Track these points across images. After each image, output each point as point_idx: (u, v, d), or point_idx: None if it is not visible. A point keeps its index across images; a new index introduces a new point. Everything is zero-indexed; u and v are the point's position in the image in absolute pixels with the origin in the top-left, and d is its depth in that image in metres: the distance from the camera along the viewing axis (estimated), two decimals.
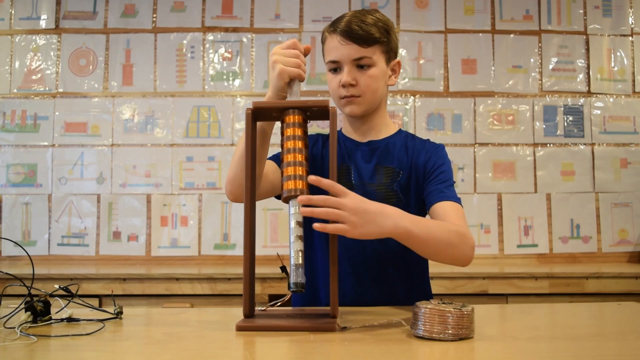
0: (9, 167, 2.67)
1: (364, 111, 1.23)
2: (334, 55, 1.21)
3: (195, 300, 2.16)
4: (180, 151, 2.68)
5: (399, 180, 1.25)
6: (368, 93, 1.21)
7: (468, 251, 1.07)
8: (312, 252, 1.27)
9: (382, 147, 1.27)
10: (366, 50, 1.18)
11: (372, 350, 0.80)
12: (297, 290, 0.89)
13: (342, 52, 1.19)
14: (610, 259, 2.67)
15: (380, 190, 1.24)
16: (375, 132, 1.30)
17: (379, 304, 1.20)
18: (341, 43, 1.19)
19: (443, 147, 1.29)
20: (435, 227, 1.04)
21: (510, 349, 0.83)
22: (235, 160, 1.14)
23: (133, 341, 0.89)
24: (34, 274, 1.03)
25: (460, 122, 2.71)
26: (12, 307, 0.99)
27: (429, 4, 2.76)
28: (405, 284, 1.25)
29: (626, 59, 2.76)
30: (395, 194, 1.24)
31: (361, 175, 1.26)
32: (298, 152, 0.95)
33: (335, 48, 1.20)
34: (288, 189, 0.93)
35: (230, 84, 2.72)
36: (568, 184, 2.70)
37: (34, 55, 2.72)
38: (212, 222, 2.65)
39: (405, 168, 1.25)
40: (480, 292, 2.17)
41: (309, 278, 1.26)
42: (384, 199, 1.23)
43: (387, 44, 1.23)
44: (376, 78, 1.21)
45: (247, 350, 0.83)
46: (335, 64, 1.21)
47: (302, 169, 0.94)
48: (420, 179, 1.24)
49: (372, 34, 1.18)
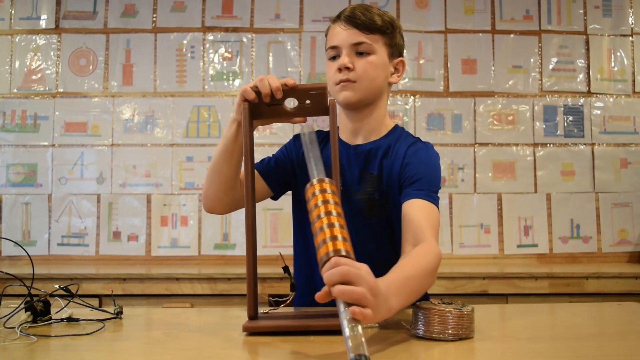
0: (9, 167, 2.67)
1: (359, 99, 1.17)
2: (334, 41, 1.18)
3: (195, 300, 2.16)
4: (180, 151, 2.68)
5: (381, 189, 1.18)
6: (365, 79, 1.15)
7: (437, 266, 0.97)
8: (311, 257, 1.26)
9: (366, 152, 1.20)
10: (367, 37, 1.15)
11: (373, 351, 0.80)
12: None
13: (342, 36, 1.16)
14: (610, 259, 2.66)
15: (363, 198, 1.18)
16: (366, 134, 1.23)
17: None
18: (343, 28, 1.17)
19: (426, 149, 1.18)
20: (415, 276, 0.89)
21: (510, 349, 0.83)
22: (209, 170, 1.14)
23: (133, 341, 0.89)
24: (34, 274, 1.03)
25: (460, 122, 2.71)
26: (12, 307, 0.99)
27: (429, 4, 2.76)
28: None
29: (626, 59, 2.76)
30: (378, 203, 1.18)
31: (346, 182, 1.20)
32: (324, 216, 0.78)
33: (336, 34, 1.18)
34: (320, 257, 0.76)
35: (230, 84, 2.72)
36: (568, 184, 2.70)
37: (34, 55, 2.72)
38: (212, 222, 2.65)
39: (386, 174, 1.18)
40: (480, 292, 2.17)
41: (309, 278, 1.26)
42: (367, 209, 1.18)
43: (391, 37, 1.19)
44: (375, 65, 1.16)
45: (248, 352, 0.83)
46: (335, 49, 1.18)
47: (331, 231, 0.77)
48: (395, 180, 1.16)
49: (375, 22, 1.16)
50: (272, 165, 1.26)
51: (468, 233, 2.67)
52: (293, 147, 1.29)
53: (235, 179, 1.15)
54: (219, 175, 1.13)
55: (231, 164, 1.12)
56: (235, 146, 1.10)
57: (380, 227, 1.19)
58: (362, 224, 1.18)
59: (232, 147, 1.10)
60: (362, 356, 0.61)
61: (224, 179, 1.13)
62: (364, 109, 1.21)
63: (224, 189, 1.15)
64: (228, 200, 1.17)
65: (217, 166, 1.12)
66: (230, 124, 1.10)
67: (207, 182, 1.16)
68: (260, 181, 1.23)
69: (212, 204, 1.18)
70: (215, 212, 1.20)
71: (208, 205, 1.19)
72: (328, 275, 0.71)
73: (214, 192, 1.15)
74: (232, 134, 1.09)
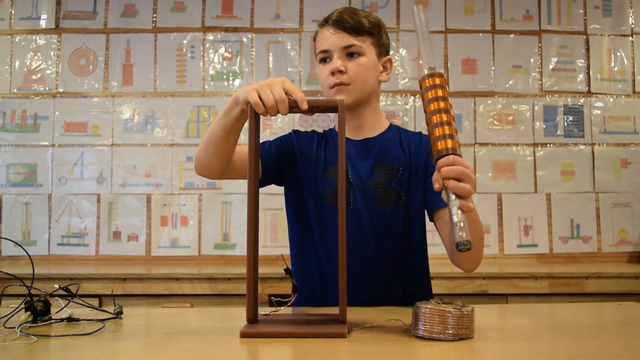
0: (9, 167, 2.67)
1: (354, 101, 1.22)
2: (324, 45, 1.21)
3: (195, 300, 2.16)
4: (180, 151, 2.68)
5: (399, 178, 1.24)
6: (358, 82, 1.20)
7: (480, 259, 1.14)
8: (307, 252, 1.26)
9: (379, 145, 1.26)
10: (356, 39, 1.20)
11: (372, 351, 0.80)
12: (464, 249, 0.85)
13: (332, 40, 1.20)
14: (610, 259, 2.66)
15: (379, 188, 1.23)
16: (368, 129, 1.28)
17: (379, 304, 1.19)
18: (332, 32, 1.20)
19: None
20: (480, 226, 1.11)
21: (510, 349, 0.83)
22: (205, 139, 1.14)
23: (133, 341, 0.89)
24: (34, 274, 1.03)
25: (460, 122, 2.71)
26: (12, 307, 0.99)
27: (429, 4, 2.76)
28: (405, 284, 1.25)
29: (626, 59, 2.76)
30: (395, 191, 1.23)
31: (359, 173, 1.25)
32: (444, 112, 0.93)
33: (326, 38, 1.21)
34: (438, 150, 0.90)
35: (230, 84, 2.72)
36: (568, 184, 2.70)
37: (34, 55, 2.72)
38: (212, 222, 2.65)
39: (404, 165, 1.25)
40: (480, 292, 2.17)
41: (308, 277, 1.26)
42: (382, 197, 1.23)
43: (378, 38, 1.24)
44: (366, 67, 1.20)
45: (248, 351, 0.83)
46: (326, 53, 1.22)
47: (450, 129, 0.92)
48: (421, 177, 1.25)
49: (363, 24, 1.20)
50: (272, 153, 1.27)
51: None
52: (295, 141, 1.30)
53: (230, 153, 1.15)
54: (214, 147, 1.13)
55: (227, 141, 1.12)
56: (234, 127, 1.10)
57: (395, 215, 1.23)
58: (377, 212, 1.22)
59: (231, 127, 1.09)
60: (467, 242, 0.82)
61: (219, 152, 1.14)
62: (360, 107, 1.26)
63: (218, 160, 1.15)
64: (220, 170, 1.18)
65: (213, 139, 1.12)
66: (233, 105, 1.06)
67: (202, 149, 1.15)
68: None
69: (204, 170, 1.19)
70: (205, 176, 1.21)
71: (200, 171, 1.20)
72: (446, 171, 0.87)
73: (207, 159, 1.16)
74: (233, 117, 1.07)
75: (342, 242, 0.91)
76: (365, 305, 1.17)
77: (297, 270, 1.29)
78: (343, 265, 0.91)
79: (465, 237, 0.83)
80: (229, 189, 2.67)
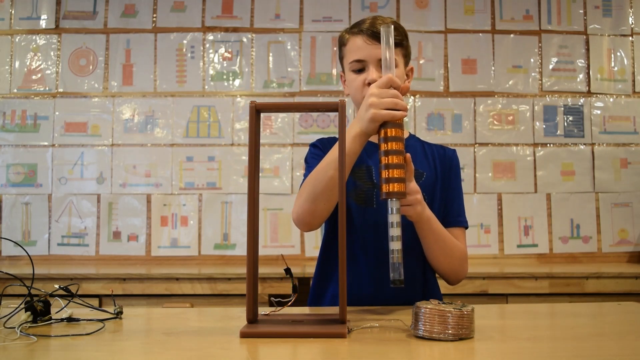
0: (9, 167, 2.67)
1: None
2: (359, 55, 1.21)
3: (195, 300, 2.16)
4: (180, 151, 2.68)
5: (423, 181, 1.26)
6: None
7: (462, 272, 1.24)
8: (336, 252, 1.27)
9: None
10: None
11: (372, 350, 0.80)
12: (396, 285, 0.96)
13: (368, 51, 1.20)
14: (610, 259, 2.67)
15: None
16: None
17: (406, 302, 1.19)
18: (367, 42, 1.20)
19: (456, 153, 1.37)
20: (447, 234, 1.18)
21: (510, 349, 0.83)
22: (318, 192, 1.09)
23: (133, 341, 0.89)
24: (34, 274, 1.03)
25: (460, 122, 2.71)
26: (12, 307, 0.99)
27: (429, 4, 2.76)
28: (425, 280, 1.27)
29: (626, 59, 2.76)
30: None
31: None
32: (393, 154, 0.99)
33: (360, 48, 1.21)
34: (386, 192, 0.98)
35: (230, 84, 2.73)
36: (568, 184, 2.70)
37: (34, 55, 2.72)
38: (212, 222, 2.65)
39: (427, 171, 1.28)
40: (480, 292, 2.17)
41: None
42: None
43: (406, 48, 1.27)
44: (400, 79, 1.20)
45: (248, 351, 0.83)
46: (361, 63, 1.22)
47: (397, 172, 0.99)
48: (443, 188, 1.30)
49: (396, 37, 1.20)
50: None
51: (468, 233, 2.65)
52: (323, 152, 1.28)
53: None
54: (331, 193, 1.09)
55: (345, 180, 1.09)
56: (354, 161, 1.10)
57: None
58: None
59: (352, 163, 1.09)
60: (398, 280, 0.96)
61: (335, 196, 1.10)
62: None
63: (332, 207, 1.12)
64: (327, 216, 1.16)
65: (332, 183, 1.08)
66: (353, 140, 1.06)
67: (313, 201, 1.11)
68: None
69: (317, 222, 1.15)
70: (314, 229, 1.18)
71: (311, 224, 1.15)
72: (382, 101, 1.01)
73: (322, 211, 1.12)
74: (356, 150, 1.07)
75: (342, 242, 0.91)
76: (390, 303, 1.18)
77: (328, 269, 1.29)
78: (343, 266, 0.90)
79: (397, 277, 0.96)
80: (229, 189, 2.67)
